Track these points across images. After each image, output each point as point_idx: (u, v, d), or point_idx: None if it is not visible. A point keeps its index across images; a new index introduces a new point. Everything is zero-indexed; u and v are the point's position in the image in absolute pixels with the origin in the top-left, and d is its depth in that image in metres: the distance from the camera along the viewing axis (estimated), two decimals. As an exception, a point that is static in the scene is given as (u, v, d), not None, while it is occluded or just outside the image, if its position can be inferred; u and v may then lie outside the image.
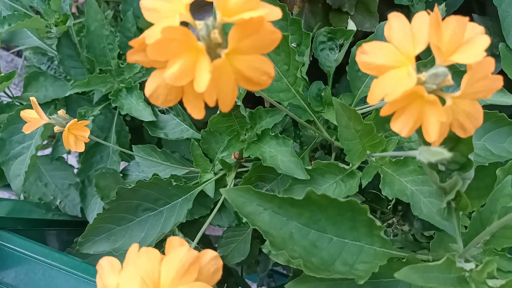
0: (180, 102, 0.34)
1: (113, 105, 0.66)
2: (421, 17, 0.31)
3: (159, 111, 0.66)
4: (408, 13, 0.67)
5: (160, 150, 0.66)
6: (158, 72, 0.31)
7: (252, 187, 0.39)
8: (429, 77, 0.31)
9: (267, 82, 0.32)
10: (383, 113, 0.31)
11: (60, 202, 0.75)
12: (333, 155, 0.57)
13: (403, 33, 0.31)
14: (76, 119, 0.48)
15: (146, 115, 0.64)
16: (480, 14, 0.68)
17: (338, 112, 0.41)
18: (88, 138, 0.49)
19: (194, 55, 0.29)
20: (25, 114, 0.50)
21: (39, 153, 0.74)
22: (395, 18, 0.32)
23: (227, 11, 0.29)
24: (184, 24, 0.30)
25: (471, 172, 0.35)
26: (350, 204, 0.36)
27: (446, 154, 0.30)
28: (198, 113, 0.31)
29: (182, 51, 0.29)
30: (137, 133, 0.78)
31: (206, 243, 0.78)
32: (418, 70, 0.32)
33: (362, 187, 0.43)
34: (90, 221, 0.69)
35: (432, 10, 0.65)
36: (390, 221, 0.52)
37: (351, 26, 0.56)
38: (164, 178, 0.54)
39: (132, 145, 0.70)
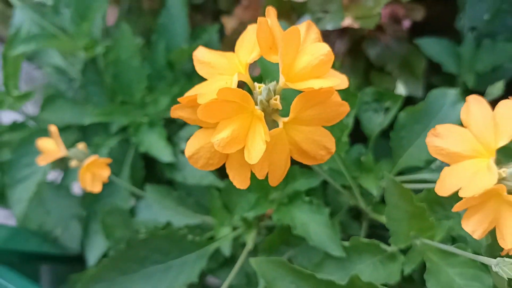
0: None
1: (133, 140, 0.62)
2: (507, 106, 0.27)
3: (181, 151, 0.62)
4: (453, 82, 0.64)
5: (175, 193, 0.62)
6: (203, 132, 0.27)
7: (286, 261, 0.35)
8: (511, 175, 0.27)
9: (324, 158, 0.28)
10: (456, 209, 0.27)
11: (60, 233, 0.70)
12: (364, 224, 0.52)
13: (484, 121, 0.27)
14: (97, 156, 0.45)
15: (166, 155, 0.60)
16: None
17: (389, 190, 0.37)
18: (108, 179, 0.45)
19: (248, 120, 0.25)
20: (42, 143, 0.47)
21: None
22: (475, 102, 0.28)
23: (293, 76, 0.25)
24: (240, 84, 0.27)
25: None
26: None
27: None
28: (241, 183, 0.27)
29: (236, 115, 0.25)
30: (148, 163, 0.74)
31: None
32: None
33: (404, 274, 0.38)
34: (89, 260, 0.64)
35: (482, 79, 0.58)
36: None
37: (400, 90, 0.52)
38: (179, 230, 0.50)
39: (147, 183, 0.66)
